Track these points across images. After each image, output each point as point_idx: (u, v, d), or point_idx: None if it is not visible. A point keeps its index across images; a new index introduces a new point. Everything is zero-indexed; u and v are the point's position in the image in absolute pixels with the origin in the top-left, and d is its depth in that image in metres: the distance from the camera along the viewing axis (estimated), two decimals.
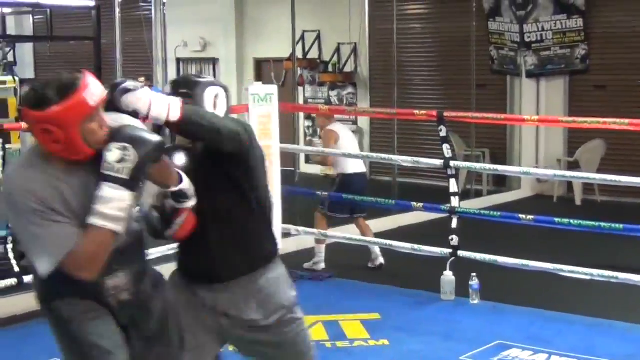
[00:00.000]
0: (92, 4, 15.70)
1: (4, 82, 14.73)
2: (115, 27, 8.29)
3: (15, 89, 11.01)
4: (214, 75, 15.57)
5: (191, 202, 3.06)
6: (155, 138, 2.85)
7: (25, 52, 18.23)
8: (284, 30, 13.63)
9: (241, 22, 15.33)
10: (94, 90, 2.78)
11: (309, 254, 7.92)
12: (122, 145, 2.79)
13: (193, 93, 3.21)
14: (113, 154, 2.78)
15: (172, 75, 15.53)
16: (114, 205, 2.77)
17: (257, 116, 7.44)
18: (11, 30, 17.22)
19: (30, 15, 18.01)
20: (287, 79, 13.64)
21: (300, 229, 7.77)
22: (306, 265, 7.77)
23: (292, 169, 10.11)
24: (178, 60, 15.99)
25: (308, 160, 12.65)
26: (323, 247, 7.81)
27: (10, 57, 16.46)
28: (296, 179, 10.10)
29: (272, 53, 14.64)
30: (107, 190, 2.78)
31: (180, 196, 3.03)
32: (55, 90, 2.75)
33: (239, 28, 15.33)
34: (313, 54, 14.55)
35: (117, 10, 8.46)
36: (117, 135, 2.82)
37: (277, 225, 7.46)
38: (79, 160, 2.84)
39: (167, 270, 3.38)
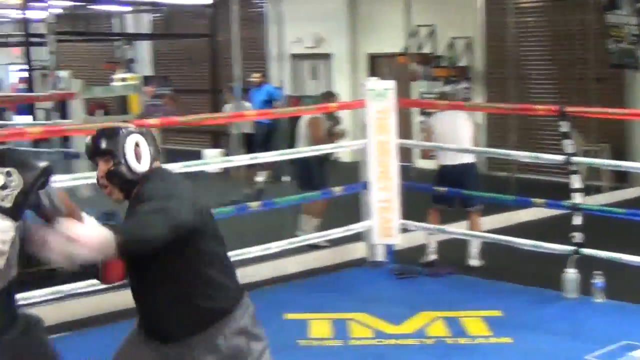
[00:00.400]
0: (209, 1, 16.01)
1: (124, 79, 15.13)
2: (232, 24, 8.33)
3: (136, 86, 11.25)
4: (328, 71, 15.62)
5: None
6: (42, 163, 2.56)
7: (144, 50, 18.57)
8: (397, 26, 13.59)
9: (354, 18, 15.31)
10: None
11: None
12: (6, 170, 2.48)
13: (113, 149, 3.03)
14: None
15: (286, 71, 15.67)
16: None
17: (375, 111, 7.41)
18: (130, 28, 17.61)
19: (149, 14, 18.36)
20: (401, 74, 13.57)
21: (417, 224, 7.71)
22: (422, 260, 7.71)
23: (408, 163, 10.05)
24: (292, 56, 16.09)
25: (423, 155, 12.56)
26: (434, 240, 7.74)
27: (129, 55, 16.90)
28: (412, 174, 10.04)
29: (385, 48, 14.58)
30: None
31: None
32: None
33: (352, 24, 15.31)
34: (427, 49, 14.43)
35: (235, 7, 8.51)
36: (1, 159, 2.53)
37: (395, 220, 7.45)
38: None
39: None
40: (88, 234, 2.57)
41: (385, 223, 7.43)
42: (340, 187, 7.54)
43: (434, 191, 7.79)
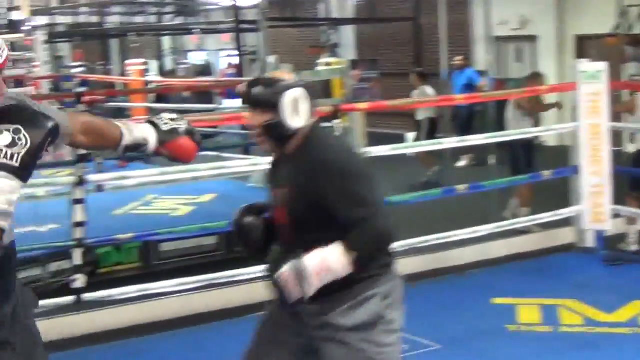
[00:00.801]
0: None
1: (328, 64, 15.37)
2: (439, 7, 8.32)
3: (342, 70, 11.41)
4: (533, 54, 15.31)
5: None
6: (51, 122, 2.40)
7: (348, 34, 18.79)
8: (606, 6, 13.13)
9: None
10: (2, 46, 2.45)
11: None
12: (14, 127, 2.32)
13: (270, 103, 2.94)
14: (4, 137, 2.31)
15: (491, 54, 15.46)
16: (3, 197, 2.29)
17: (586, 94, 7.22)
18: (335, 13, 17.86)
19: None
20: (610, 56, 13.12)
21: (629, 209, 7.46)
22: (621, 246, 7.45)
23: (619, 148, 9.72)
24: (497, 38, 15.86)
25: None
26: (633, 227, 7.46)
27: (334, 40, 17.17)
28: (623, 159, 9.70)
29: (593, 29, 14.13)
30: None
31: (136, 148, 2.88)
32: None
33: (559, 5, 14.92)
34: (638, 30, 13.86)
35: None
36: (8, 115, 2.37)
37: (607, 205, 7.24)
38: None
39: None
40: (335, 266, 2.78)
41: (596, 208, 7.23)
42: (549, 171, 7.40)
43: (632, 177, 7.52)
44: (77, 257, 5.28)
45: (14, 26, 15.50)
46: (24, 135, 2.29)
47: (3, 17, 14.76)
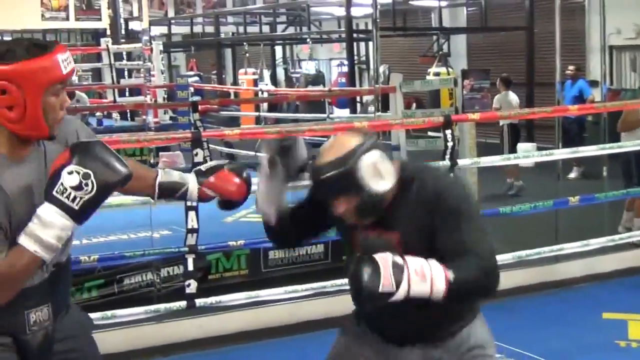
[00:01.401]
0: None
1: (438, 74, 15.33)
2: (555, 16, 8.19)
3: (454, 80, 11.38)
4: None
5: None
6: (124, 170, 2.38)
7: (459, 44, 18.68)
8: None
9: None
10: (68, 58, 2.41)
11: None
12: (85, 171, 2.32)
13: (348, 173, 2.54)
14: (72, 178, 2.32)
15: (606, 64, 15.13)
16: (53, 233, 2.32)
17: None
18: (446, 22, 17.79)
19: (464, 8, 18.46)
20: None
21: None
22: None
23: None
24: (610, 48, 15.52)
25: None
26: None
27: (445, 49, 17.08)
28: None
29: None
30: (51, 214, 2.32)
31: (173, 192, 2.83)
32: (24, 48, 2.36)
33: None
34: None
35: None
36: (82, 154, 2.37)
37: None
38: (30, 139, 2.44)
39: None
40: (432, 278, 2.39)
41: None
42: None
43: None
44: (190, 263, 5.39)
45: (131, 36, 15.98)
46: (92, 182, 2.30)
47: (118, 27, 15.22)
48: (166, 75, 18.14)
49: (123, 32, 15.70)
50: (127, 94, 14.72)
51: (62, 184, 2.31)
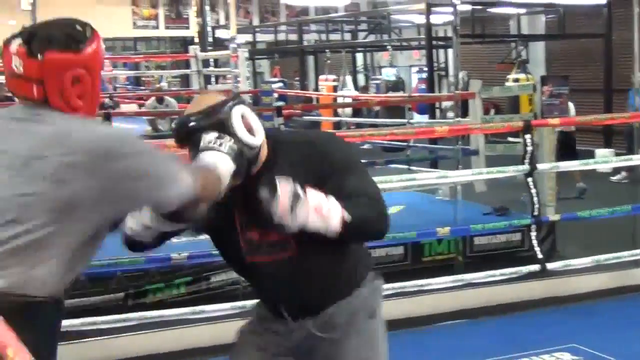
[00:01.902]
0: (604, 1, 15.55)
1: (517, 80, 15.16)
2: (634, 23, 8.03)
3: (533, 86, 11.22)
4: None
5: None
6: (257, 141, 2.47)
7: (538, 50, 18.45)
8: None
9: None
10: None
11: None
12: (218, 133, 2.43)
13: (219, 122, 2.47)
14: (208, 135, 2.42)
15: None
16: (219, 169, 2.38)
17: None
18: (524, 29, 17.59)
19: (543, 15, 18.22)
20: None
21: None
22: None
23: None
24: None
25: None
26: None
27: (524, 55, 16.89)
28: None
29: None
30: (209, 155, 2.40)
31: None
32: (82, 30, 2.26)
33: None
34: None
35: (636, 6, 8.18)
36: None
37: None
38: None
39: None
40: (329, 213, 2.35)
41: None
42: None
43: None
44: None
45: (217, 43, 16.17)
46: (228, 139, 2.44)
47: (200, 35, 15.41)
48: (251, 82, 18.30)
49: (210, 39, 15.88)
50: None
51: (203, 142, 2.41)
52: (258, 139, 2.52)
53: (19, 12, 12.87)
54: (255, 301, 2.97)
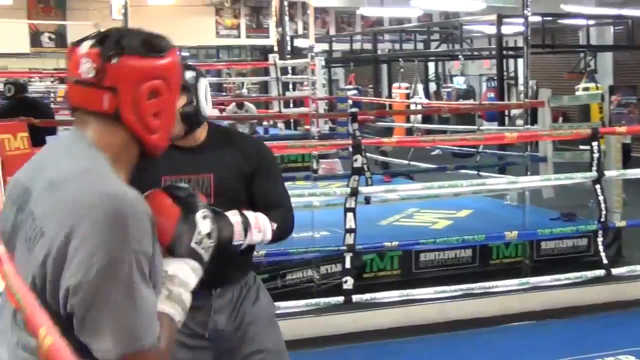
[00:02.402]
0: None
1: (587, 89, 14.90)
2: None
3: (602, 95, 11.03)
4: None
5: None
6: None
7: (606, 61, 18.17)
8: None
9: None
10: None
11: None
12: (213, 216, 2.05)
13: (191, 89, 2.72)
14: (206, 224, 2.00)
15: None
16: (187, 292, 1.90)
17: None
18: (593, 40, 17.31)
19: (611, 26, 17.93)
20: None
21: None
22: None
23: None
24: None
25: None
26: None
27: (592, 65, 16.61)
28: None
29: None
30: (187, 272, 1.92)
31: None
32: (162, 39, 1.84)
33: None
34: None
35: None
36: (199, 204, 2.04)
37: None
38: (154, 156, 1.88)
39: None
40: (265, 229, 2.71)
41: None
42: None
43: None
44: (348, 261, 5.44)
45: (296, 52, 16.27)
46: (215, 233, 2.07)
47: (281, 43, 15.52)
48: (327, 89, 18.37)
49: (289, 48, 15.98)
50: (291, 105, 14.98)
51: (199, 232, 1.98)
52: (208, 110, 2.80)
53: (110, 22, 13.16)
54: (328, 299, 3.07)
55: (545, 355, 5.11)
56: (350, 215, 5.41)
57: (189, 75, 2.72)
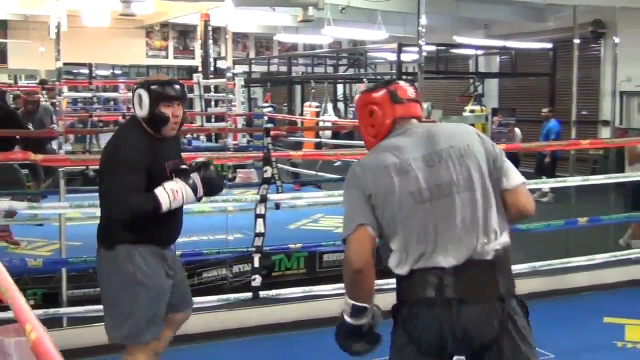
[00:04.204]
0: (550, 45, 15.73)
1: (473, 111, 15.24)
2: (573, 65, 8.17)
3: (486, 116, 11.30)
4: None
5: None
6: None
7: (492, 86, 18.64)
8: None
9: None
10: None
11: None
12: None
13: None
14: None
15: (616, 107, 14.94)
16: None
17: None
18: (481, 67, 17.72)
19: (497, 56, 18.39)
20: None
21: None
22: None
23: None
24: (621, 93, 15.28)
25: None
26: None
27: (480, 90, 17.01)
28: None
29: None
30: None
31: None
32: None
33: None
34: None
35: (576, 50, 8.33)
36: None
37: None
38: None
39: None
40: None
41: None
42: None
43: None
44: (256, 262, 5.44)
45: (219, 72, 16.18)
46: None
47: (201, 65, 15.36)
48: (246, 106, 18.29)
49: (212, 69, 15.89)
50: (212, 120, 14.88)
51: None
52: None
53: (48, 41, 12.95)
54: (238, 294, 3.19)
55: None
56: (260, 220, 5.40)
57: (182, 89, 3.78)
